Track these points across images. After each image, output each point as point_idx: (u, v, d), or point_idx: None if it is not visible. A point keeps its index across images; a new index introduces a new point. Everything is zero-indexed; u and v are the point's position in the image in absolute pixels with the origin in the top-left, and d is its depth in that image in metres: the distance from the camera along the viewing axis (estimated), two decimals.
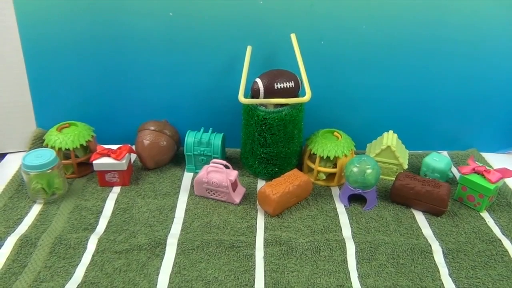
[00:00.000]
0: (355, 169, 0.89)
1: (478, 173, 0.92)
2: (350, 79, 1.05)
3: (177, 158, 1.08)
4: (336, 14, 0.97)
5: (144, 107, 1.09)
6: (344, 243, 0.82)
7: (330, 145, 0.96)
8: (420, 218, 0.91)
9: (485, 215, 0.92)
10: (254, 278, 0.75)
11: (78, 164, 1.00)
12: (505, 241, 0.84)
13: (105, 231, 0.85)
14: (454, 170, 1.06)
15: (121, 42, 0.99)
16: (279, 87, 0.91)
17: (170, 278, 0.74)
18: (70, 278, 0.74)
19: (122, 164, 0.94)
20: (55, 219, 0.87)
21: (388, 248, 0.81)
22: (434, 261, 0.79)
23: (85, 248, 0.80)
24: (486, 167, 0.92)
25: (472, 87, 1.06)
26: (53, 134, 0.98)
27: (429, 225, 0.88)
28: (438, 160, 0.99)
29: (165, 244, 0.81)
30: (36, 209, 0.90)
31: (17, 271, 0.75)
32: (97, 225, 0.86)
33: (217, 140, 1.00)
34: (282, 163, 0.98)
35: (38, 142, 1.05)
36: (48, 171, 0.88)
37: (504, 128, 1.13)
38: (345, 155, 0.96)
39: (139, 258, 0.78)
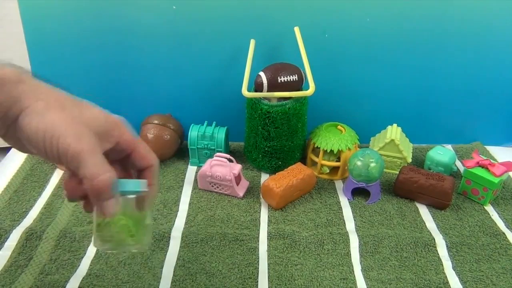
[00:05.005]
0: (358, 163, 0.88)
1: (482, 166, 0.92)
2: (354, 72, 1.04)
3: (180, 152, 1.08)
4: (340, 7, 0.96)
5: (148, 101, 1.09)
6: (348, 236, 0.82)
7: (334, 138, 0.96)
8: (424, 211, 0.90)
9: (489, 208, 0.92)
10: (258, 271, 0.75)
11: None
12: (509, 235, 0.84)
13: None
14: (458, 163, 1.06)
15: (124, 35, 0.99)
16: (282, 81, 0.90)
17: (174, 271, 0.75)
18: (75, 271, 0.74)
19: None
20: (60, 212, 0.87)
21: (392, 241, 0.81)
22: (438, 254, 0.79)
23: (90, 241, 0.80)
24: (491, 160, 0.92)
25: (476, 80, 1.05)
26: None
27: (433, 218, 0.88)
28: (442, 153, 0.98)
29: (169, 237, 0.82)
30: (41, 202, 0.91)
31: (23, 263, 0.75)
32: None
33: (220, 133, 1.00)
34: (285, 157, 0.98)
35: None
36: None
37: (509, 121, 1.12)
38: (349, 149, 0.96)
39: (143, 251, 0.79)
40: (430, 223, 0.87)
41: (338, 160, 0.98)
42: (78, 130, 0.41)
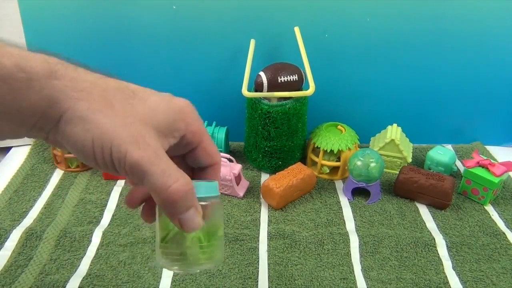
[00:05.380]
0: (359, 163, 0.88)
1: (482, 166, 0.92)
2: (354, 72, 1.04)
3: None
4: (340, 6, 0.96)
5: None
6: (348, 236, 0.82)
7: (334, 138, 0.96)
8: (424, 211, 0.90)
9: (489, 208, 0.92)
10: (258, 271, 0.75)
11: None
12: (509, 234, 0.84)
13: (109, 224, 0.85)
14: (458, 163, 1.06)
15: (124, 35, 0.99)
16: (282, 81, 0.90)
17: (174, 271, 0.75)
18: (75, 271, 0.74)
19: None
20: (60, 212, 0.87)
21: (392, 241, 0.81)
22: (438, 254, 0.79)
23: (90, 241, 0.80)
24: (491, 160, 0.92)
25: (476, 80, 1.05)
26: None
27: (433, 218, 0.88)
28: (442, 153, 0.98)
29: None
30: (41, 202, 0.91)
31: (23, 263, 0.75)
32: (102, 218, 0.87)
33: (220, 133, 1.00)
34: (285, 157, 0.98)
35: None
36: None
37: (509, 121, 1.12)
38: (349, 149, 0.96)
39: (144, 251, 0.79)
40: (430, 223, 0.87)
41: (338, 160, 0.98)
42: (134, 132, 0.33)
